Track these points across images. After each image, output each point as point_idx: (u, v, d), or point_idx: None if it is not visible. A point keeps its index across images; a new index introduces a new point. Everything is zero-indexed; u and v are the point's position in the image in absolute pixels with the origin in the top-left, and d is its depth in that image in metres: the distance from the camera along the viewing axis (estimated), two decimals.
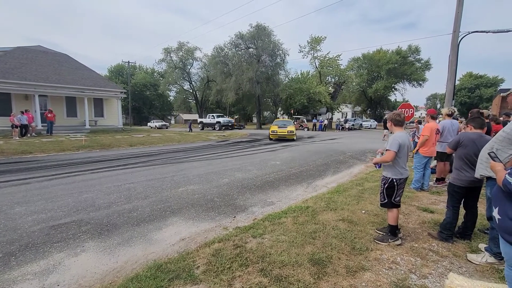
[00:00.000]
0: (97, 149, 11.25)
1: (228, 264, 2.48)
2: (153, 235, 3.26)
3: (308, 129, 29.56)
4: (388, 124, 3.13)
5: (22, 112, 14.51)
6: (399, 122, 3.02)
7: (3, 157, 8.71)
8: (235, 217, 3.87)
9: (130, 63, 43.23)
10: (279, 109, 44.79)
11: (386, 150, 2.92)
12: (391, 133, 3.14)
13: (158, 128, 35.05)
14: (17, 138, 13.38)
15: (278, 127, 16.32)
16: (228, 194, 4.92)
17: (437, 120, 5.83)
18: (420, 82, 42.43)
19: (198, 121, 33.01)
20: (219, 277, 2.28)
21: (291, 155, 9.87)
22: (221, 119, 29.74)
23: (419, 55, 41.51)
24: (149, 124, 39.69)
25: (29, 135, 14.69)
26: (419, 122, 8.57)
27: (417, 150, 5.17)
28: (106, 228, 3.41)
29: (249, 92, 33.75)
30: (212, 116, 31.14)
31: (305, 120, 33.37)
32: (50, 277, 2.41)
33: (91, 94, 19.92)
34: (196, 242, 3.05)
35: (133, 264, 2.63)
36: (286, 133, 15.59)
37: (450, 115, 5.31)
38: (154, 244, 3.05)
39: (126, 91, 29.08)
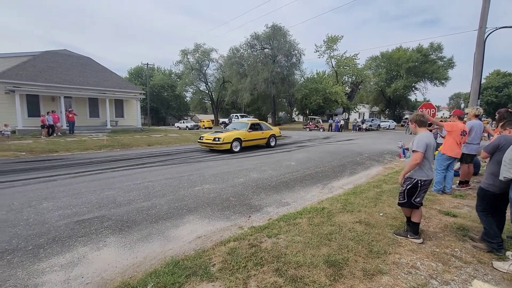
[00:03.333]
0: (118, 148, 11.68)
1: (243, 263, 2.50)
2: (170, 232, 3.35)
3: (323, 130, 29.12)
4: (412, 126, 3.10)
5: (48, 113, 15.41)
6: (423, 123, 3.01)
7: (32, 156, 9.25)
8: (250, 216, 3.90)
9: (149, 65, 44.49)
10: (294, 109, 44.45)
11: (413, 151, 2.85)
12: (414, 134, 3.09)
13: (189, 129, 30.67)
14: (44, 137, 14.16)
15: (216, 131, 12.42)
16: (243, 194, 4.96)
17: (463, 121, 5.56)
18: (443, 81, 40.61)
19: (221, 121, 33.03)
20: (235, 276, 2.31)
21: (307, 156, 9.78)
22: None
23: (441, 53, 39.75)
24: (177, 124, 34.56)
25: (55, 134, 15.50)
26: None
27: (438, 150, 4.96)
28: (126, 224, 3.54)
29: (264, 92, 33.78)
30: (236, 116, 31.11)
31: (320, 121, 32.89)
32: (75, 269, 2.54)
33: (112, 95, 20.69)
34: (212, 241, 3.10)
35: (151, 260, 2.71)
36: (211, 141, 10.51)
37: (477, 116, 5.06)
38: (172, 241, 3.13)
39: (144, 92, 29.90)
